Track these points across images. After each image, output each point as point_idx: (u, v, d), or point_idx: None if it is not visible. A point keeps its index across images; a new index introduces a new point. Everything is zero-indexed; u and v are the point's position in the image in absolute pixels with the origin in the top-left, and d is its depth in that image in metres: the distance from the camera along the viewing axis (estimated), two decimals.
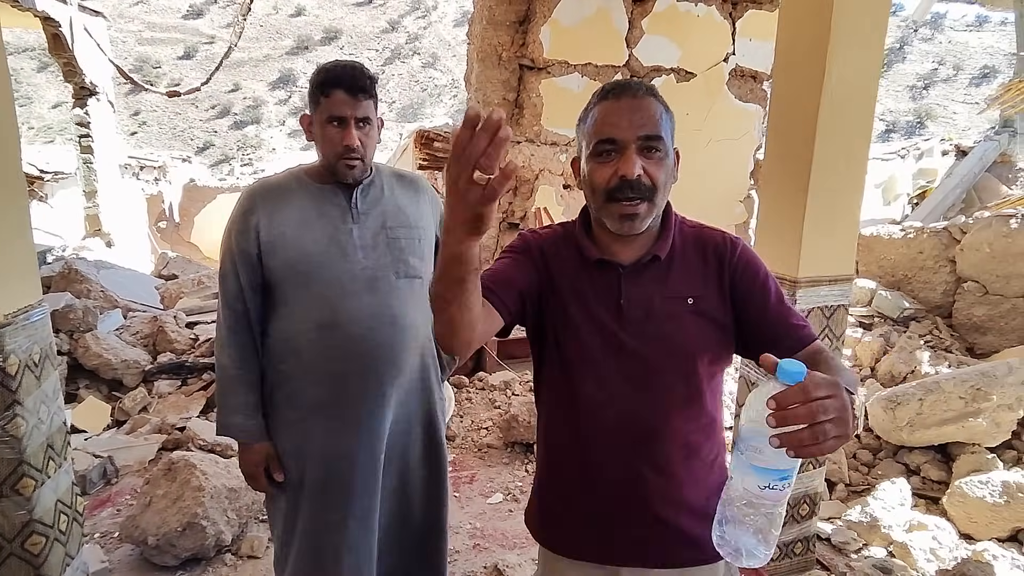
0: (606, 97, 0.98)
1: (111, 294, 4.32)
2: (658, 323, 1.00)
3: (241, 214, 1.44)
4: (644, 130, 0.95)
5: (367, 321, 1.43)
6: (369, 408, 1.45)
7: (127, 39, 51.15)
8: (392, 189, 1.54)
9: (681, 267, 1.03)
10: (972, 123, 31.30)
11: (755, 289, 1.03)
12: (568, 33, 4.95)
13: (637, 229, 0.98)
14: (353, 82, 1.38)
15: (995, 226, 3.77)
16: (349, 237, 1.44)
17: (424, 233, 1.55)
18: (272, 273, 1.43)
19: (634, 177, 0.93)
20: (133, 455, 3.06)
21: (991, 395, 2.61)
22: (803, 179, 1.99)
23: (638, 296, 1.01)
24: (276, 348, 1.46)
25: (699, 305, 1.01)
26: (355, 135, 1.39)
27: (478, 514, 2.72)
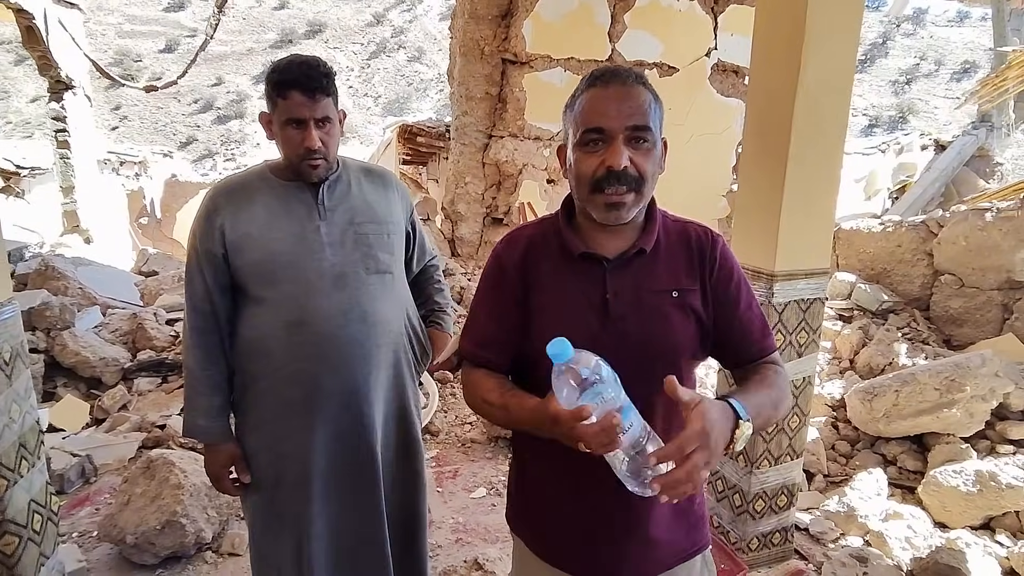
0: (594, 84, 0.96)
1: (89, 291, 4.26)
2: (644, 318, 0.99)
3: (204, 216, 1.42)
4: (632, 120, 0.93)
5: (337, 318, 1.42)
6: (343, 404, 1.45)
7: (107, 32, 50.24)
8: (360, 184, 1.53)
9: (666, 260, 1.02)
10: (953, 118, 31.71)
11: (728, 290, 1.04)
12: (550, 27, 4.95)
13: (623, 219, 0.96)
14: (309, 82, 1.35)
15: (971, 220, 3.83)
16: (316, 235, 1.43)
17: (394, 228, 1.54)
18: (239, 273, 1.41)
19: (621, 168, 0.92)
20: (112, 453, 3.02)
21: (965, 386, 2.66)
22: (779, 173, 2.01)
23: (624, 290, 0.99)
24: (246, 348, 1.45)
25: (683, 299, 1.01)
26: (316, 136, 1.37)
27: (461, 508, 2.72)
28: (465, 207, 5.57)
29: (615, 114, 0.93)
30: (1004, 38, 6.73)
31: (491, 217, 5.66)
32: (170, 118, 46.32)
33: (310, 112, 1.36)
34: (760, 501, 2.26)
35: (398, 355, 1.57)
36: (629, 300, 0.99)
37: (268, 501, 1.48)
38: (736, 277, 1.05)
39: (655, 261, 1.02)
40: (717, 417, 0.83)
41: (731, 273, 1.05)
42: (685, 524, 1.06)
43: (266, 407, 1.45)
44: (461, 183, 5.52)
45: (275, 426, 1.45)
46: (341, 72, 49.88)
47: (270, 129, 1.43)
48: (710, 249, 1.04)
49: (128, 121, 44.60)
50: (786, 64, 1.97)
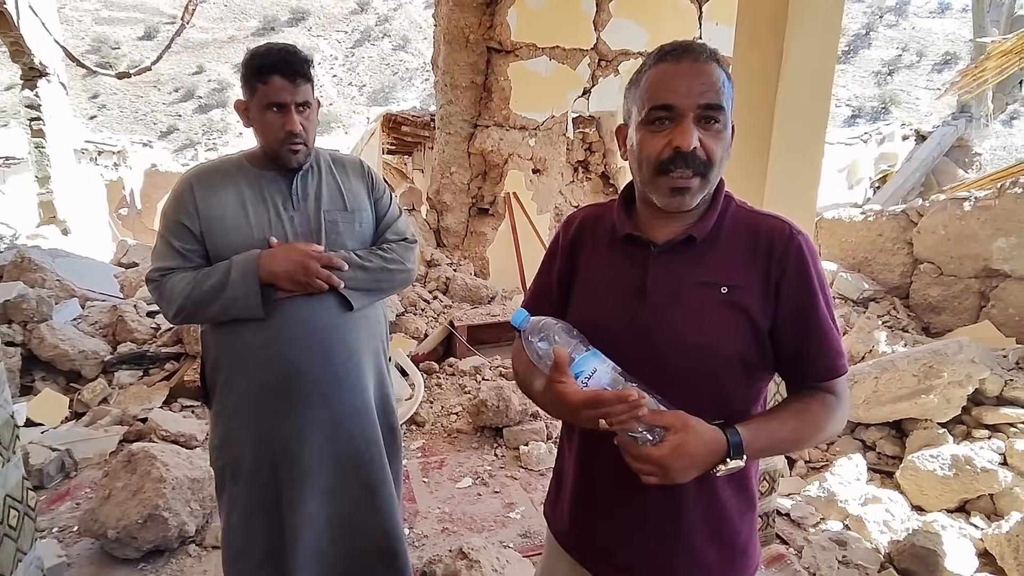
0: (664, 59, 0.88)
1: (67, 283, 4.18)
2: (682, 310, 0.90)
3: (177, 197, 1.42)
4: (705, 98, 0.85)
5: (312, 303, 1.41)
6: (322, 391, 1.44)
7: (83, 18, 49.12)
8: (331, 173, 1.53)
9: (723, 252, 0.92)
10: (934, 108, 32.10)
11: (797, 297, 0.91)
12: (536, 15, 4.91)
13: (687, 205, 0.89)
14: (290, 67, 1.35)
15: (949, 209, 3.88)
16: (290, 224, 1.43)
17: (363, 216, 1.54)
18: (212, 256, 1.41)
19: (690, 149, 0.84)
20: (93, 448, 2.98)
21: (942, 372, 2.70)
22: (761, 162, 2.02)
23: (666, 278, 0.92)
24: (218, 335, 1.44)
25: (734, 296, 0.90)
26: (296, 120, 1.37)
27: (447, 498, 2.73)
28: (451, 197, 5.54)
29: (685, 91, 0.85)
30: (983, 29, 6.80)
31: (477, 207, 5.64)
32: (150, 107, 45.52)
33: (291, 96, 1.36)
34: None
35: (376, 344, 1.57)
36: (669, 289, 0.91)
37: (247, 490, 1.48)
38: (812, 286, 0.91)
39: (709, 251, 0.92)
40: (696, 450, 0.81)
41: (806, 280, 0.91)
42: (720, 549, 0.97)
43: (241, 392, 1.44)
44: (446, 173, 5.49)
45: (253, 411, 1.44)
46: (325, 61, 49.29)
47: (247, 116, 1.41)
48: (783, 247, 0.91)
49: (107, 110, 43.76)
50: (768, 52, 1.98)
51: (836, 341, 0.92)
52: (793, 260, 0.91)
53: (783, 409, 0.92)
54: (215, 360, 1.46)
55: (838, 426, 0.94)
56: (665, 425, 0.81)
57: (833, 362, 0.92)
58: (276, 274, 1.36)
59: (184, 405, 3.43)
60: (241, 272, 1.36)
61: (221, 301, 1.36)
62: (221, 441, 1.48)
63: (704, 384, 0.90)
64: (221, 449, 1.48)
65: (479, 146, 5.32)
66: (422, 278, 5.08)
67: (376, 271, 1.51)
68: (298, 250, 1.39)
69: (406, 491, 2.76)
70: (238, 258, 1.37)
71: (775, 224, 0.94)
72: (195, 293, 1.36)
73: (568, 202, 6.07)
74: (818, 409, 0.91)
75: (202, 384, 1.51)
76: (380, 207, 1.60)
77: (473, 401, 3.37)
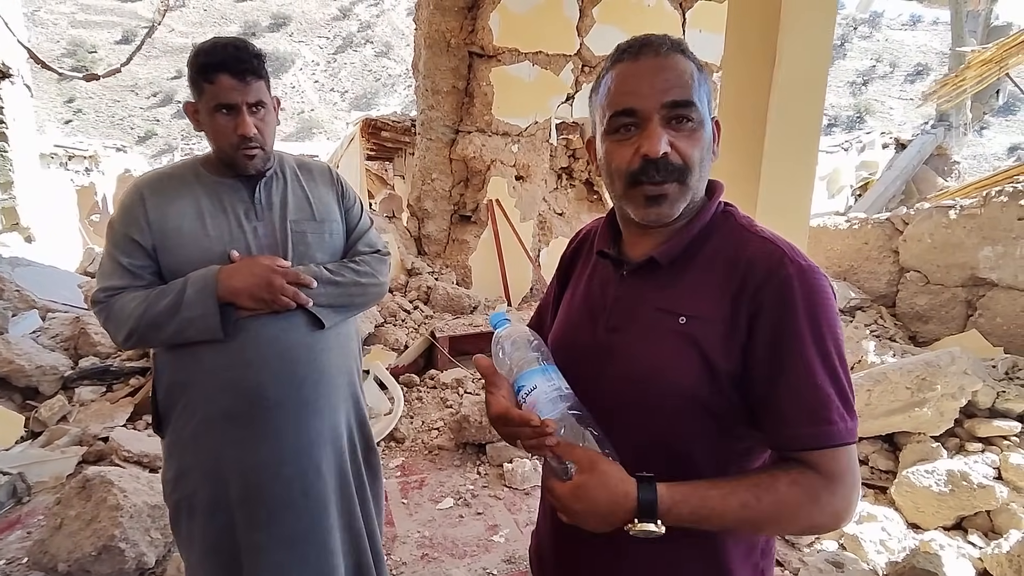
0: (621, 58, 0.79)
1: (27, 294, 3.98)
2: (635, 336, 0.81)
3: (126, 208, 1.28)
4: (669, 95, 0.76)
5: (279, 322, 1.29)
6: (291, 415, 1.31)
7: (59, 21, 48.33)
8: (297, 180, 1.41)
9: (694, 277, 0.81)
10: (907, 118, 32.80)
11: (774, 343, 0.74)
12: (518, 20, 4.83)
13: (666, 216, 0.79)
14: (239, 63, 1.23)
15: (935, 217, 3.86)
16: (253, 236, 1.31)
17: (333, 227, 1.42)
18: (166, 272, 1.28)
19: (658, 155, 0.75)
20: (48, 470, 2.80)
21: (936, 384, 2.64)
22: (754, 170, 1.94)
23: (627, 301, 0.84)
24: (174, 357, 1.30)
25: (690, 328, 0.77)
26: (249, 122, 1.25)
27: (427, 521, 2.60)
28: (432, 204, 5.42)
29: (648, 90, 0.76)
30: (962, 39, 6.89)
31: (459, 214, 5.52)
32: (127, 112, 44.84)
33: (241, 96, 1.24)
34: None
35: (349, 364, 1.45)
36: (628, 313, 0.83)
37: (205, 529, 1.34)
38: (795, 328, 0.73)
39: (682, 274, 0.81)
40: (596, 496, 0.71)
41: (787, 319, 0.74)
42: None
43: (199, 420, 1.30)
44: (427, 179, 5.37)
45: (210, 441, 1.30)
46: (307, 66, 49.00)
47: (197, 120, 1.29)
48: (763, 278, 0.76)
49: (83, 115, 43.02)
50: (760, 58, 1.90)
51: (823, 401, 0.72)
52: (773, 295, 0.74)
53: (740, 478, 0.74)
54: (169, 385, 1.32)
55: (823, 516, 0.72)
56: (574, 460, 0.73)
57: (813, 428, 0.72)
58: (237, 291, 1.24)
59: (148, 423, 3.25)
60: (198, 290, 1.23)
61: (176, 322, 1.23)
62: (176, 474, 1.34)
63: (654, 423, 0.79)
64: (176, 483, 1.34)
65: (461, 152, 5.22)
66: (402, 287, 4.95)
67: (348, 286, 1.39)
68: (261, 264, 1.26)
69: (384, 514, 2.62)
70: (195, 275, 1.24)
71: (764, 249, 0.78)
72: (148, 314, 1.23)
73: (552, 209, 5.99)
74: (785, 488, 0.71)
75: (154, 411, 1.37)
76: (351, 217, 1.48)
77: (455, 416, 3.24)
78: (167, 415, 1.33)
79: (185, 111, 1.31)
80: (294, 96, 46.72)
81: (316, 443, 1.36)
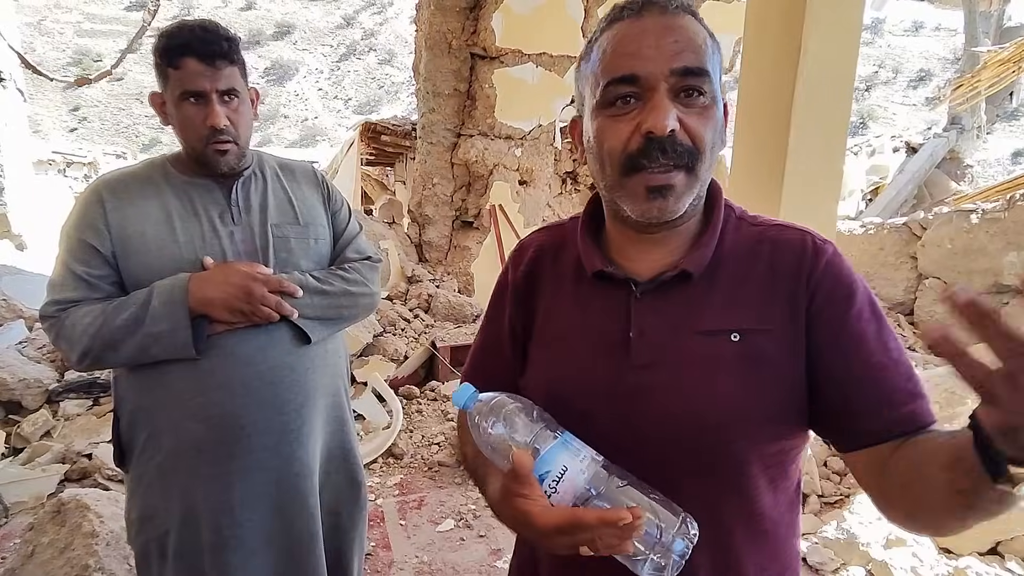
0: (620, 16, 0.65)
1: (15, 303, 3.86)
2: (681, 370, 0.66)
3: (82, 211, 1.14)
4: (680, 60, 0.61)
5: (258, 338, 1.14)
6: (269, 446, 1.17)
7: (65, 30, 48.71)
8: (279, 180, 1.28)
9: (729, 285, 0.68)
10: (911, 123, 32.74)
11: (843, 326, 0.65)
12: (521, 21, 4.72)
13: (671, 211, 0.65)
14: (206, 46, 1.09)
15: (956, 221, 3.72)
16: (229, 241, 1.16)
17: (319, 232, 1.28)
18: (128, 283, 1.13)
19: (666, 133, 0.60)
20: (28, 490, 2.66)
21: (966, 399, 2.49)
22: (778, 168, 1.80)
23: (655, 327, 0.67)
24: (137, 380, 1.16)
25: (751, 344, 0.65)
26: (220, 112, 1.11)
27: (426, 545, 2.44)
28: (433, 209, 5.30)
29: (653, 53, 0.61)
30: (976, 39, 6.75)
31: (460, 220, 5.40)
32: (132, 119, 45.06)
33: (210, 83, 1.10)
34: None
35: (336, 384, 1.31)
36: (660, 342, 0.67)
37: (178, 574, 1.19)
38: (857, 306, 0.65)
39: (710, 287, 0.68)
40: None
41: (847, 300, 0.65)
42: None
43: (169, 452, 1.16)
44: (428, 184, 5.25)
45: (179, 477, 1.16)
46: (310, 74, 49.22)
47: (164, 113, 1.16)
48: (810, 265, 0.66)
49: (88, 122, 43.25)
50: (784, 47, 1.76)
51: (909, 377, 0.64)
52: (827, 278, 0.66)
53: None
54: (132, 412, 1.18)
55: None
56: None
57: (921, 403, 0.63)
58: (211, 301, 1.09)
59: None
60: (165, 301, 1.08)
61: (139, 338, 1.08)
62: (142, 514, 1.19)
63: (709, 462, 0.65)
64: (142, 524, 1.20)
65: (463, 156, 5.09)
66: (402, 295, 4.82)
67: (338, 296, 1.25)
68: (238, 271, 1.12)
69: (380, 537, 2.47)
70: (161, 284, 1.10)
71: (793, 237, 0.69)
72: (105, 330, 1.08)
73: (556, 215, 5.85)
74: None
75: (116, 441, 1.22)
76: (338, 221, 1.34)
77: (456, 430, 3.10)
78: (130, 448, 1.19)
79: (151, 103, 1.17)
80: (298, 104, 46.89)
81: (302, 475, 1.22)
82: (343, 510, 1.35)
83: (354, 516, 1.39)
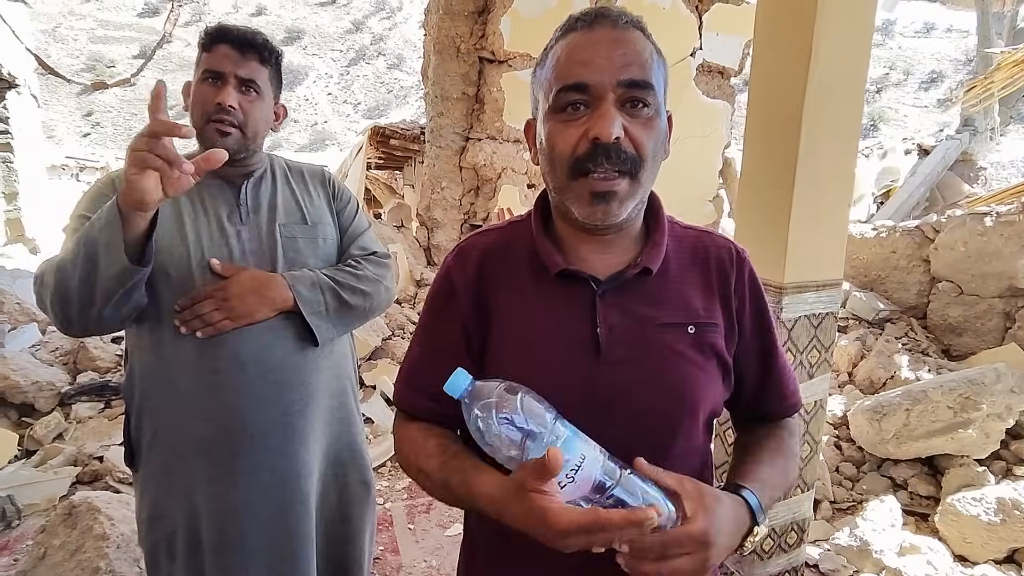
0: (574, 28, 0.70)
1: (28, 307, 3.90)
2: (652, 362, 0.71)
3: (93, 195, 1.14)
4: (627, 72, 0.66)
5: (263, 338, 1.14)
6: (273, 447, 1.17)
7: (79, 37, 49.33)
8: (287, 181, 1.29)
9: (678, 283, 0.76)
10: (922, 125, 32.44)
11: (760, 328, 0.81)
12: (529, 25, 4.72)
13: (613, 215, 0.69)
14: (243, 38, 1.13)
15: (969, 224, 3.67)
16: (236, 240, 1.17)
17: (327, 231, 1.29)
18: None
19: (611, 139, 0.65)
20: (40, 492, 2.69)
21: (981, 404, 2.45)
22: (788, 173, 1.78)
23: (622, 323, 0.72)
24: (143, 374, 1.17)
25: (703, 336, 0.74)
26: (232, 93, 1.13)
27: (434, 549, 2.44)
28: (441, 213, 5.30)
29: (603, 64, 0.66)
30: (989, 40, 6.68)
31: (469, 224, 5.40)
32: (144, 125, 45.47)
33: (233, 66, 1.12)
34: (769, 539, 2.01)
35: (342, 382, 1.31)
36: (629, 338, 0.71)
37: (187, 573, 1.20)
38: (768, 316, 0.82)
39: (664, 284, 0.74)
40: (727, 522, 0.64)
41: (764, 306, 0.81)
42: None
43: (172, 451, 1.16)
44: (437, 188, 5.25)
45: (185, 476, 1.16)
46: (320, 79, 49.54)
47: (188, 99, 1.18)
48: (737, 271, 0.78)
49: (101, 127, 43.73)
50: (794, 49, 1.75)
51: (793, 376, 0.86)
52: (749, 286, 0.80)
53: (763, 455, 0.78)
54: (139, 411, 1.19)
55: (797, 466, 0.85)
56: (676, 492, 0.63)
57: (795, 398, 0.86)
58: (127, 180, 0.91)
59: None
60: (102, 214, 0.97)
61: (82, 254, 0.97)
62: (151, 513, 1.20)
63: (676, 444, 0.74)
64: (151, 523, 1.20)
65: (471, 160, 5.09)
66: (411, 299, 4.82)
67: (349, 293, 1.25)
68: None
69: (389, 541, 2.47)
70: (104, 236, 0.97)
71: (720, 243, 0.80)
72: (59, 261, 1.00)
73: None
74: (789, 444, 0.83)
75: (126, 441, 1.23)
76: (344, 217, 1.34)
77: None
78: (138, 446, 1.20)
79: (183, 93, 1.19)
80: (307, 108, 47.20)
81: (303, 476, 1.22)
82: (353, 512, 1.34)
83: (364, 518, 1.39)
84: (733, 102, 5.45)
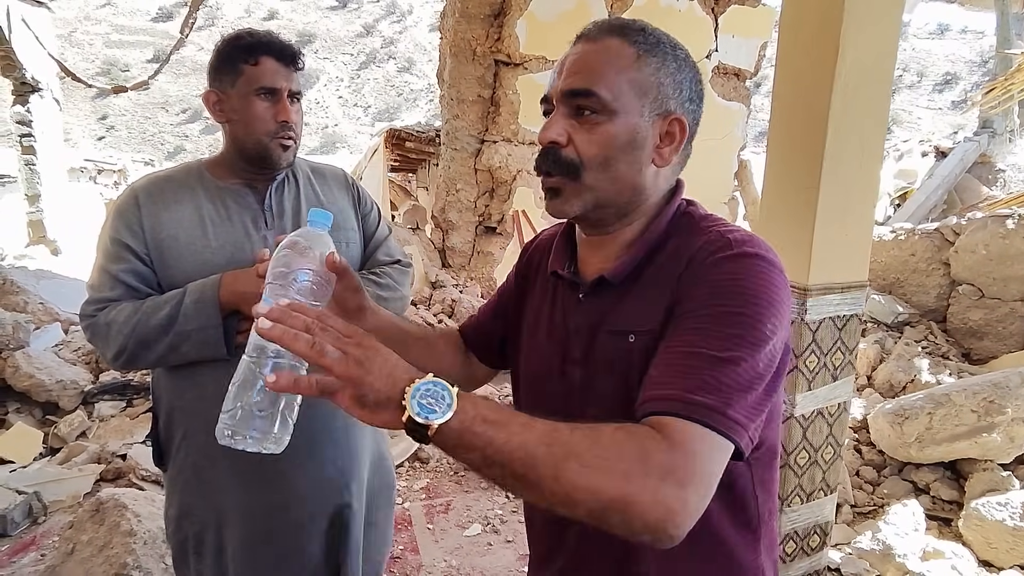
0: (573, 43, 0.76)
1: (51, 307, 3.95)
2: (593, 369, 0.74)
3: (118, 213, 1.15)
4: (568, 83, 0.70)
5: None
6: (305, 448, 1.18)
7: (94, 41, 50.02)
8: (311, 185, 1.29)
9: (645, 289, 0.71)
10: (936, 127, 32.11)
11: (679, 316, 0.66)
12: (545, 27, 4.74)
13: (564, 212, 0.73)
14: (286, 49, 1.15)
15: (991, 227, 3.63)
16: (262, 246, 1.17)
17: (350, 236, 1.29)
18: (164, 287, 1.15)
19: (546, 144, 0.71)
20: (65, 489, 2.72)
21: (1006, 408, 2.43)
22: (814, 174, 1.77)
23: (584, 328, 0.75)
24: (172, 380, 1.18)
25: (644, 344, 0.68)
26: (291, 108, 1.16)
27: (454, 549, 2.45)
28: (456, 215, 5.32)
29: (562, 75, 0.72)
30: (1008, 41, 6.61)
31: (484, 226, 5.41)
32: (158, 128, 46.07)
33: (286, 81, 1.14)
34: (791, 543, 2.00)
35: None
36: (584, 343, 0.75)
37: (215, 571, 1.21)
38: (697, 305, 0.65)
39: (630, 290, 0.72)
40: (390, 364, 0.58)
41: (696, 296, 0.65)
42: None
43: (202, 452, 1.17)
44: (452, 190, 5.28)
45: (213, 476, 1.17)
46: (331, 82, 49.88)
47: (219, 110, 1.17)
48: (686, 263, 0.69)
49: (115, 131, 44.31)
50: (821, 48, 1.74)
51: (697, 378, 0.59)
52: (689, 273, 0.67)
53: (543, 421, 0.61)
54: (169, 412, 1.19)
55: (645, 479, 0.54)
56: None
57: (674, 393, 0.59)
58: (243, 295, 1.05)
59: None
60: (197, 299, 1.07)
61: (171, 337, 1.07)
62: (179, 511, 1.21)
63: None
64: (180, 521, 1.21)
65: (486, 162, 5.11)
66: (426, 300, 4.84)
67: None
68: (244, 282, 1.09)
69: (408, 541, 2.48)
70: (195, 284, 1.10)
71: (710, 240, 0.69)
72: (140, 329, 1.07)
73: None
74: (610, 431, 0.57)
75: (154, 441, 1.24)
76: (368, 225, 1.35)
77: None
78: (168, 447, 1.21)
79: (204, 101, 1.19)
80: (319, 111, 47.55)
81: (334, 478, 1.23)
82: (379, 512, 1.35)
83: (388, 518, 1.40)
84: (749, 104, 5.44)
